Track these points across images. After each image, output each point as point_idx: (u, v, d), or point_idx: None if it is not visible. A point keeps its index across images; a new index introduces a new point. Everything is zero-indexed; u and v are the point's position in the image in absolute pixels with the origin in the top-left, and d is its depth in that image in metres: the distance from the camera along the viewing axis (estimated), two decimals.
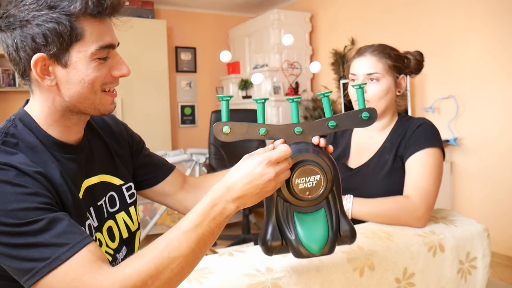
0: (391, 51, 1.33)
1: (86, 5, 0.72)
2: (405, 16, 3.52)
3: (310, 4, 4.67)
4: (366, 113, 0.79)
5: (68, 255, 0.66)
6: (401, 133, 1.29)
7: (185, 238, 0.69)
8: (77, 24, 0.73)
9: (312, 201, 0.78)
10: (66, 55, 0.74)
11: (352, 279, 0.92)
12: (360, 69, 1.31)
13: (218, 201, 0.72)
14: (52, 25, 0.71)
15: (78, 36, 0.73)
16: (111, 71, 0.80)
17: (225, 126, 0.77)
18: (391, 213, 1.15)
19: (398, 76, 1.33)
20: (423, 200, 1.14)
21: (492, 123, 2.92)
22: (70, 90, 0.77)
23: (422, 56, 1.39)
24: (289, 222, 0.78)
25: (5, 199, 0.67)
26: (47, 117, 0.80)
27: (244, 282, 0.81)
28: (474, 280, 1.14)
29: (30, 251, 0.66)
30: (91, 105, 0.80)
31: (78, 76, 0.76)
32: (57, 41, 0.72)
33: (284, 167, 0.74)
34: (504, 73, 2.82)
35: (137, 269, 0.66)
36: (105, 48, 0.76)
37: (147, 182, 1.05)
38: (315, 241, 0.77)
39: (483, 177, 3.01)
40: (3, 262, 0.69)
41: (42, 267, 0.66)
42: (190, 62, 5.29)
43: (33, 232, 0.67)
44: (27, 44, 0.73)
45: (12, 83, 4.25)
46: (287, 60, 4.52)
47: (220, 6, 5.22)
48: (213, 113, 3.79)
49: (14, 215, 0.66)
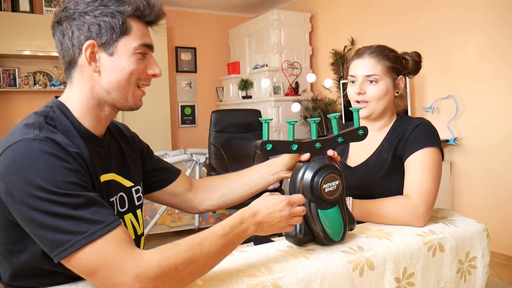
0: (389, 52, 1.33)
1: (137, 7, 0.86)
2: (405, 16, 3.52)
3: (310, 4, 4.68)
4: (361, 130, 1.05)
5: (104, 231, 0.71)
6: (399, 133, 1.29)
7: (215, 241, 0.79)
8: (127, 21, 0.85)
9: (333, 201, 0.97)
10: (113, 46, 0.85)
11: (352, 278, 0.92)
12: (358, 71, 1.31)
13: (245, 221, 0.85)
14: (107, 18, 0.84)
15: (126, 31, 0.85)
16: (146, 69, 0.90)
17: (268, 144, 0.94)
18: (390, 213, 1.15)
19: (396, 77, 1.33)
20: (423, 200, 1.14)
21: (491, 123, 2.92)
22: (110, 77, 0.86)
23: (420, 57, 1.39)
24: (315, 218, 0.97)
25: (52, 170, 0.72)
26: (82, 105, 0.88)
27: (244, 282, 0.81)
28: (473, 279, 1.14)
29: (69, 223, 0.70)
30: (124, 95, 0.89)
31: (120, 65, 0.86)
32: (109, 32, 0.84)
33: (298, 210, 0.91)
34: (504, 73, 2.82)
35: (174, 255, 0.73)
36: (145, 46, 0.88)
37: (160, 183, 1.13)
38: (336, 231, 0.98)
39: (482, 177, 3.01)
40: (38, 233, 0.71)
41: (78, 240, 0.69)
42: (190, 62, 5.30)
43: (74, 205, 0.71)
44: (82, 32, 0.84)
45: (13, 83, 4.25)
46: (287, 60, 4.52)
47: (220, 6, 5.22)
48: (213, 113, 3.79)
49: (59, 185, 0.71)
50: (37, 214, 0.70)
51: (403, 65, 1.36)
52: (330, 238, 0.98)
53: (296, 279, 0.85)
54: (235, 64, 5.15)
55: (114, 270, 0.70)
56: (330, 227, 0.98)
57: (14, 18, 4.09)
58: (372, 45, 1.36)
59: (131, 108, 0.92)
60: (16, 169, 0.71)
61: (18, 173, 0.71)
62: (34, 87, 4.35)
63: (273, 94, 4.41)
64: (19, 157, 0.72)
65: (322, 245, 0.99)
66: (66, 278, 0.81)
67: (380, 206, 1.17)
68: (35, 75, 4.40)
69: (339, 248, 0.98)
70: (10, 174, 0.72)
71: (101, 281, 0.71)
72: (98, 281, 0.71)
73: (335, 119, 1.02)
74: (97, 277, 0.71)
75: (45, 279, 0.82)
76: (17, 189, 0.71)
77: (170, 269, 0.72)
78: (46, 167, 0.72)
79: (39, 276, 0.82)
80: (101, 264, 0.70)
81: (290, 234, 1.01)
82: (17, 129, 0.80)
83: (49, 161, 0.73)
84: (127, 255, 0.71)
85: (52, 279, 0.82)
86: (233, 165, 3.75)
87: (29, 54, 4.16)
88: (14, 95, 4.35)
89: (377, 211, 1.17)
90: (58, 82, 4.45)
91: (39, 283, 0.82)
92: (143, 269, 0.70)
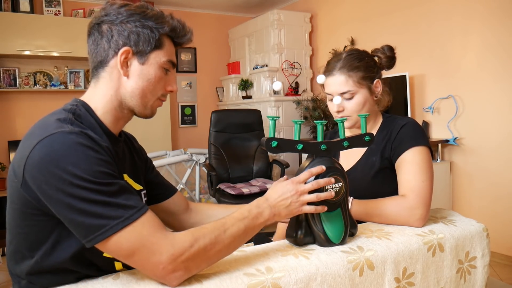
0: (359, 62, 1.29)
1: (174, 29, 0.96)
2: (405, 16, 3.52)
3: (310, 4, 4.68)
4: (367, 137, 1.06)
5: (137, 215, 0.77)
6: (386, 135, 1.29)
7: (236, 224, 0.87)
8: (162, 38, 0.94)
9: (335, 203, 0.98)
10: (146, 56, 0.92)
11: (352, 278, 0.92)
12: (332, 88, 1.30)
13: (260, 205, 0.93)
14: (147, 31, 0.92)
15: (160, 46, 0.94)
16: (166, 84, 0.97)
17: (274, 141, 0.95)
18: (388, 213, 1.15)
19: (371, 84, 1.31)
20: (419, 199, 1.14)
21: (491, 123, 2.92)
22: (137, 83, 0.93)
23: (392, 51, 1.35)
24: (316, 219, 0.98)
25: (89, 161, 0.77)
26: (106, 105, 0.93)
27: (244, 282, 0.81)
28: (473, 279, 1.14)
29: (106, 209, 0.75)
30: (144, 102, 0.95)
31: (148, 74, 0.93)
32: (146, 43, 0.92)
33: (306, 186, 0.94)
34: (503, 73, 2.82)
35: (203, 236, 0.81)
36: (171, 63, 0.96)
37: (156, 197, 1.15)
38: (337, 234, 0.99)
39: (482, 177, 3.01)
40: (75, 219, 0.76)
41: (116, 224, 0.75)
42: (190, 62, 5.30)
43: (110, 193, 0.77)
44: (121, 37, 0.90)
45: (13, 83, 4.25)
46: (287, 60, 4.52)
47: (220, 6, 5.22)
48: (213, 113, 3.79)
49: (96, 175, 0.76)
50: (75, 200, 0.75)
51: (376, 66, 1.33)
52: (331, 240, 0.99)
53: (296, 279, 0.85)
54: (235, 64, 5.15)
55: (151, 250, 0.76)
56: (331, 229, 0.98)
57: (14, 18, 4.09)
58: (340, 55, 1.33)
59: (147, 116, 0.98)
60: (54, 159, 0.75)
61: (56, 163, 0.75)
62: (34, 87, 4.35)
63: (273, 94, 4.41)
64: (57, 148, 0.76)
65: (322, 247, 0.99)
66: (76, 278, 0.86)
67: (379, 206, 1.17)
68: (35, 75, 4.40)
69: (339, 248, 0.98)
70: (47, 164, 0.75)
71: (138, 261, 0.77)
72: (135, 261, 0.77)
73: (342, 124, 1.04)
74: (135, 257, 0.77)
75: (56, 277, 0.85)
76: (56, 178, 0.75)
77: (200, 248, 0.79)
78: (83, 158, 0.77)
79: (51, 273, 0.85)
80: (139, 245, 0.76)
81: (290, 234, 1.01)
82: (49, 122, 0.83)
83: (86, 152, 0.77)
84: (162, 236, 0.77)
85: (62, 277, 0.84)
86: (233, 165, 3.75)
87: (29, 54, 4.16)
88: (14, 95, 4.35)
89: (376, 211, 1.17)
90: (58, 82, 4.45)
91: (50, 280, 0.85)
92: (177, 249, 0.77)
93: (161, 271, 0.76)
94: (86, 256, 0.85)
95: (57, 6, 4.43)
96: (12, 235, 0.87)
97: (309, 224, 0.99)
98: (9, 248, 0.88)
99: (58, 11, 4.43)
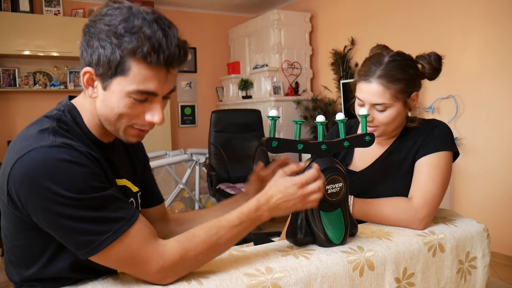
0: (401, 73, 1.15)
1: (140, 48, 0.74)
2: (405, 16, 3.52)
3: (310, 4, 4.68)
4: (368, 137, 1.03)
5: (126, 227, 0.76)
6: (414, 135, 1.23)
7: (231, 230, 0.84)
8: (126, 61, 0.76)
9: (335, 203, 0.97)
10: (108, 81, 0.79)
11: (352, 279, 0.92)
12: (366, 97, 1.18)
13: (260, 208, 0.88)
14: (108, 52, 0.76)
15: (123, 72, 0.77)
16: (144, 114, 0.82)
17: (274, 141, 0.94)
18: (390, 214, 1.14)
19: (408, 97, 1.19)
20: (426, 204, 1.12)
21: (492, 123, 2.92)
22: (101, 109, 0.83)
23: (439, 62, 1.24)
24: (317, 220, 0.97)
25: (73, 177, 0.73)
26: (93, 115, 0.86)
27: (244, 282, 0.81)
28: (473, 280, 1.14)
29: (93, 225, 0.74)
30: (115, 130, 0.85)
31: (110, 103, 0.80)
32: (106, 67, 0.77)
33: (312, 189, 0.90)
34: (504, 73, 2.82)
35: (195, 246, 0.80)
36: (144, 93, 0.79)
37: (142, 202, 1.07)
38: (337, 234, 0.98)
39: (483, 177, 3.01)
40: (64, 236, 0.75)
41: (104, 240, 0.74)
42: (190, 62, 5.29)
43: (96, 207, 0.74)
44: (88, 54, 0.79)
45: (13, 83, 4.25)
46: (287, 60, 4.52)
47: (220, 6, 5.22)
48: (213, 113, 3.79)
49: (80, 191, 0.73)
50: (61, 219, 0.72)
51: (419, 78, 1.21)
52: (331, 241, 0.98)
53: (296, 279, 0.85)
54: (235, 64, 5.15)
55: (141, 263, 0.77)
56: (331, 230, 0.98)
57: (14, 18, 4.09)
58: (381, 57, 1.18)
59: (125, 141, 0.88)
60: (36, 178, 0.71)
61: (39, 182, 0.71)
62: (34, 87, 4.35)
63: (273, 94, 4.40)
64: (37, 166, 0.72)
65: (322, 247, 0.99)
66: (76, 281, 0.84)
67: (380, 207, 1.16)
68: (35, 75, 4.40)
69: (339, 248, 0.98)
70: (30, 183, 0.72)
71: (130, 271, 0.79)
72: (127, 271, 0.80)
73: (342, 124, 1.02)
74: (126, 268, 0.79)
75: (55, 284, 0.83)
76: (40, 197, 0.72)
77: (190, 258, 0.80)
78: (65, 174, 0.72)
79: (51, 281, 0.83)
80: (128, 258, 0.76)
81: (290, 234, 1.01)
82: (30, 134, 0.78)
83: (68, 168, 0.73)
84: (152, 249, 0.77)
85: (61, 283, 0.83)
86: (233, 165, 3.75)
87: (29, 54, 4.16)
88: (14, 95, 4.35)
89: (377, 211, 1.16)
90: (58, 82, 4.44)
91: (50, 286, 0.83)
92: (167, 261, 0.78)
93: (152, 279, 0.79)
94: (85, 263, 0.82)
95: (56, 6, 4.43)
96: (8, 247, 0.85)
97: (309, 224, 0.99)
98: (7, 257, 0.86)
99: (57, 11, 4.43)
